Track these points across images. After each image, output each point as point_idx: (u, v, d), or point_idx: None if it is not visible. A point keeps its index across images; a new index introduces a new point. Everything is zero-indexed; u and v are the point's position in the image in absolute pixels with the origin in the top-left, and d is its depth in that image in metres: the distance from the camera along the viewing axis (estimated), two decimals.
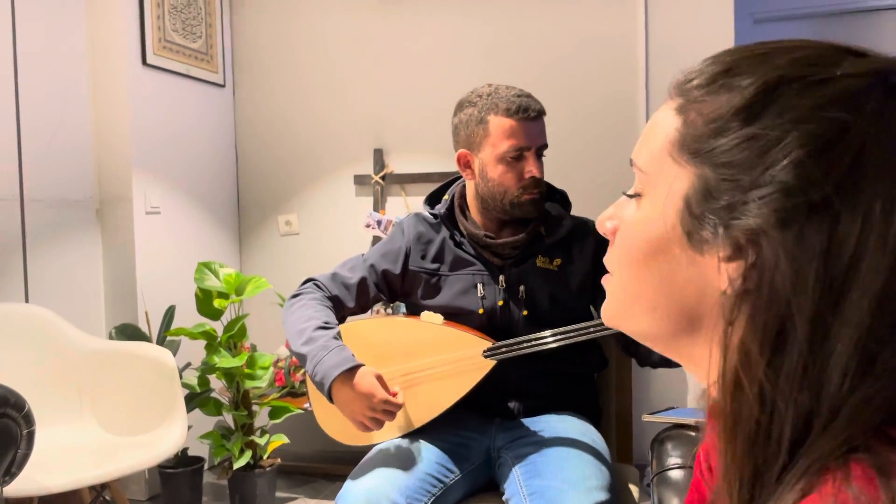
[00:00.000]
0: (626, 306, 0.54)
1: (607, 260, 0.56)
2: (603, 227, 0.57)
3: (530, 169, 1.50)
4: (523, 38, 2.86)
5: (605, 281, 0.57)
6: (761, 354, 0.43)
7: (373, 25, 3.03)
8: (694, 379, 0.55)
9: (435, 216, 1.63)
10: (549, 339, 1.43)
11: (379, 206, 3.01)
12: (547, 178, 1.58)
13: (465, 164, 1.56)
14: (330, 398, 1.41)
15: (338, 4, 3.06)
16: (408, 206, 2.98)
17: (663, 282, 0.50)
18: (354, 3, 3.04)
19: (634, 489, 1.56)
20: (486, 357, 1.47)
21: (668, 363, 1.42)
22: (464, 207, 1.62)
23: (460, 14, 2.92)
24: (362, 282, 1.60)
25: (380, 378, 1.38)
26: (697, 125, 0.48)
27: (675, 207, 0.48)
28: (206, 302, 2.47)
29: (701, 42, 2.66)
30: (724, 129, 0.46)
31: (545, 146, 1.54)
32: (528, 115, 1.49)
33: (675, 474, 1.32)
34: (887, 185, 0.41)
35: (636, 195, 0.53)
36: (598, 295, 1.58)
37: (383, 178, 3.00)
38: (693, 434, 1.40)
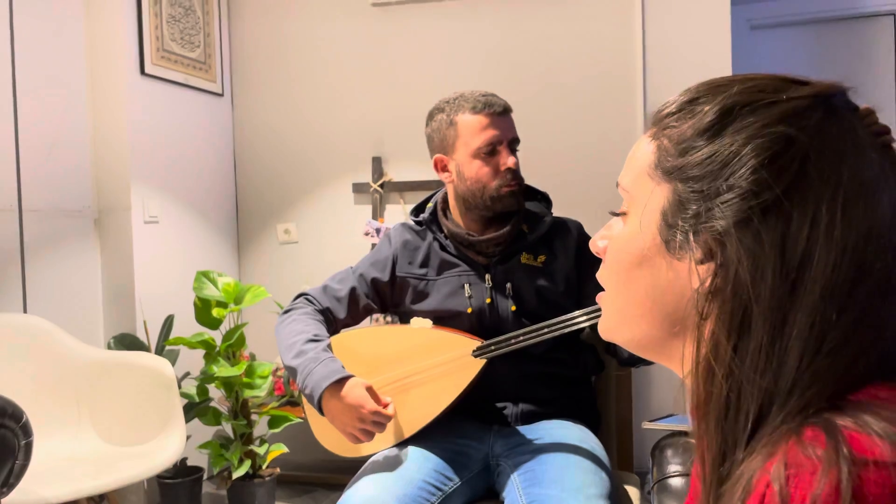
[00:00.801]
0: (618, 317, 0.60)
1: (600, 277, 0.63)
2: (596, 246, 0.64)
3: (505, 161, 1.53)
4: (521, 45, 2.87)
5: (600, 299, 0.63)
6: (728, 341, 0.49)
7: (370, 34, 3.03)
8: None
9: (420, 223, 1.65)
10: (536, 332, 1.43)
11: (378, 214, 3.02)
12: (542, 181, 1.60)
13: (441, 167, 1.60)
14: (320, 410, 1.41)
15: (336, 14, 3.07)
16: (406, 214, 2.98)
17: (649, 288, 0.57)
18: (352, 13, 3.04)
19: (635, 497, 1.55)
20: (475, 356, 1.47)
21: (640, 359, 1.44)
22: (446, 210, 1.64)
23: (457, 22, 2.93)
24: (352, 292, 1.62)
25: (370, 389, 1.38)
26: (668, 147, 0.55)
27: (654, 220, 0.56)
28: (204, 311, 2.47)
29: (698, 49, 2.67)
30: (691, 149, 0.54)
31: (517, 140, 1.58)
32: (495, 111, 1.53)
33: (676, 482, 1.31)
34: (830, 188, 0.48)
35: (622, 213, 0.60)
36: (584, 291, 1.59)
37: (382, 186, 3.01)
38: (693, 441, 1.40)
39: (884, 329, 0.48)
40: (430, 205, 1.67)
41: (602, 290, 0.63)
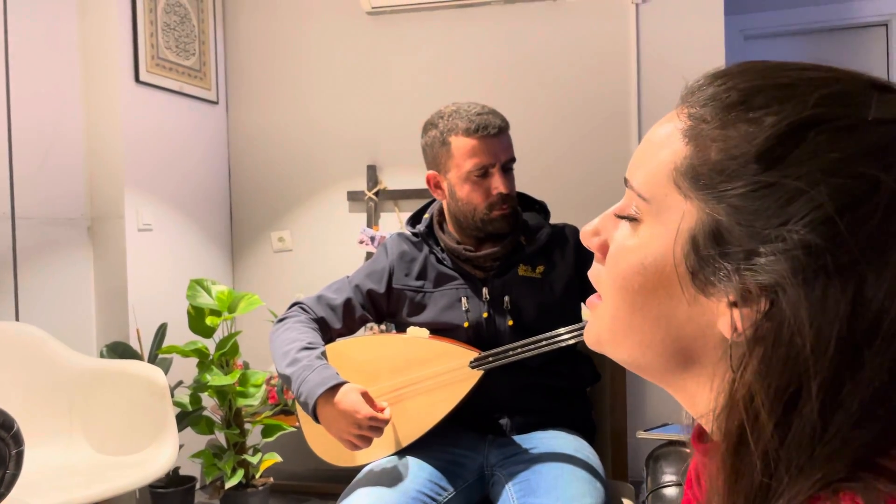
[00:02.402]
0: (616, 335, 0.52)
1: (594, 278, 0.54)
2: (588, 240, 0.54)
3: (496, 185, 1.50)
4: (516, 53, 2.88)
5: (592, 304, 0.55)
6: (770, 416, 0.41)
7: (365, 42, 3.04)
8: None
9: (416, 234, 1.64)
10: (534, 345, 1.43)
11: (372, 222, 3.01)
12: (537, 186, 1.59)
13: (434, 184, 1.59)
14: (315, 418, 1.40)
15: (331, 22, 3.07)
16: (401, 222, 2.98)
17: (660, 317, 0.48)
18: (347, 21, 3.05)
19: None
20: (472, 367, 1.47)
21: None
22: (442, 223, 1.63)
23: (452, 30, 2.94)
24: (348, 303, 1.61)
25: (365, 394, 1.37)
26: (710, 159, 0.44)
27: (680, 244, 0.46)
28: (198, 319, 2.46)
29: (692, 59, 2.68)
30: (742, 170, 0.42)
31: (512, 160, 1.55)
32: (489, 133, 1.49)
33: (671, 491, 1.31)
34: None
35: (632, 219, 0.50)
36: (587, 296, 1.58)
37: (377, 194, 3.01)
38: (688, 451, 1.40)
39: None
40: (427, 216, 1.66)
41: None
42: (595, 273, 0.54)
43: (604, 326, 0.53)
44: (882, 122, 0.41)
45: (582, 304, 1.61)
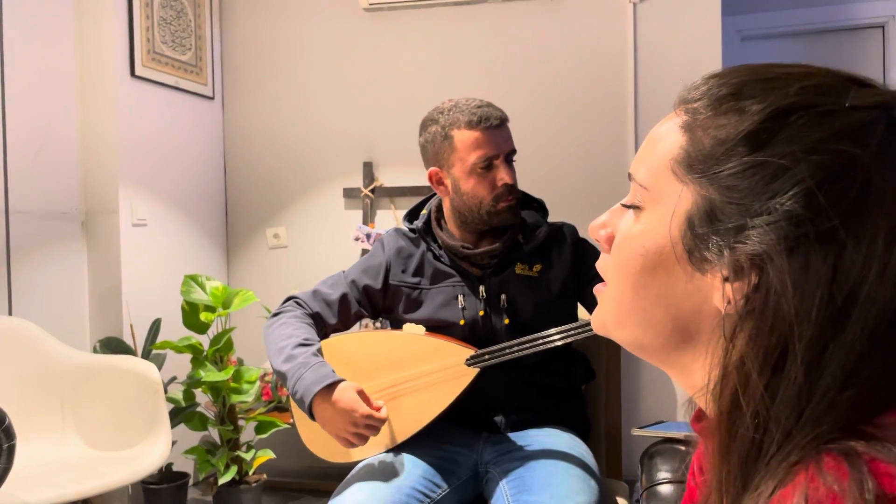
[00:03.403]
0: (619, 316, 0.55)
1: (601, 267, 0.57)
2: (596, 233, 0.58)
3: (502, 177, 1.51)
4: (513, 51, 2.87)
5: (599, 290, 0.58)
6: (760, 377, 0.44)
7: (363, 39, 3.03)
8: (683, 392, 0.57)
9: (414, 231, 1.63)
10: (530, 344, 1.42)
11: (368, 219, 3.01)
12: (536, 185, 1.59)
13: (437, 181, 1.58)
14: (311, 416, 1.40)
15: (328, 18, 3.07)
16: (397, 219, 2.97)
17: (661, 296, 0.52)
18: (344, 17, 3.04)
19: None
20: (468, 365, 1.46)
21: None
22: (440, 220, 1.63)
23: (449, 27, 2.94)
24: (343, 298, 1.60)
25: (361, 393, 1.37)
26: (703, 145, 0.49)
27: (677, 225, 0.50)
28: (192, 315, 2.45)
29: (689, 59, 2.68)
30: (731, 153, 0.47)
31: (514, 152, 1.55)
32: (491, 124, 1.50)
33: (665, 489, 1.31)
34: (889, 218, 0.43)
35: (635, 207, 0.54)
36: (583, 296, 1.59)
37: (373, 191, 3.00)
38: (682, 448, 1.40)
39: None
40: (424, 212, 1.65)
41: (600, 280, 0.59)
42: (602, 263, 0.58)
43: (609, 310, 0.56)
44: (858, 108, 0.45)
45: (578, 303, 1.61)
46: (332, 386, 1.37)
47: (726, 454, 0.46)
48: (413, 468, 1.45)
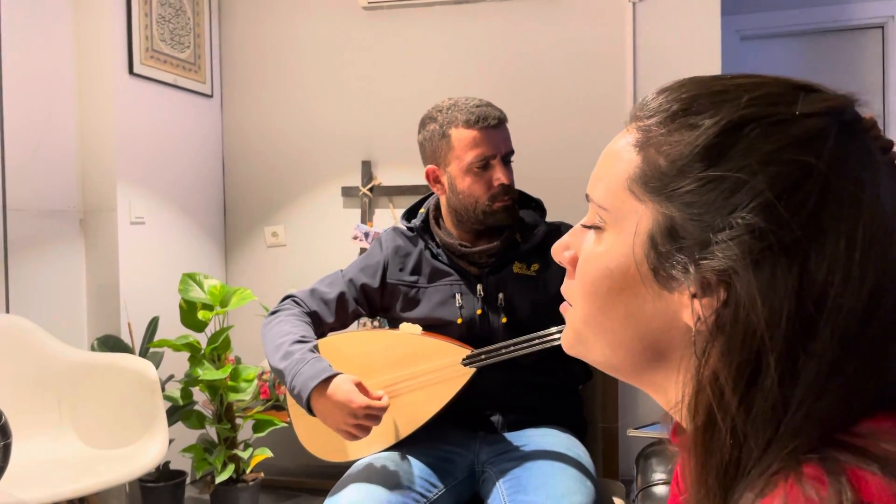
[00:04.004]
0: (588, 338, 0.55)
1: (566, 291, 0.57)
2: (560, 255, 0.57)
3: (498, 177, 1.50)
4: (513, 50, 2.87)
5: (564, 310, 0.58)
6: (734, 392, 0.44)
7: (362, 37, 3.03)
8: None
9: (412, 229, 1.63)
10: (526, 343, 1.42)
11: (367, 218, 3.01)
12: (534, 185, 1.58)
13: (434, 179, 1.58)
14: (310, 411, 1.40)
15: (327, 16, 3.06)
16: (395, 218, 2.97)
17: (629, 316, 0.51)
18: (343, 15, 3.04)
19: None
20: (465, 365, 1.46)
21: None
22: (438, 219, 1.62)
23: (449, 26, 2.93)
24: (341, 297, 1.60)
25: (359, 384, 1.36)
26: (659, 164, 0.48)
27: (640, 244, 0.49)
28: (190, 313, 2.45)
29: (688, 59, 2.68)
30: (688, 169, 0.47)
31: (511, 152, 1.55)
32: (489, 124, 1.50)
33: (661, 490, 1.31)
34: (847, 224, 0.43)
35: (596, 227, 0.53)
36: None
37: (371, 190, 3.00)
38: (678, 449, 1.40)
39: (885, 361, 0.45)
40: (422, 211, 1.65)
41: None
42: (566, 286, 0.57)
43: (577, 331, 0.56)
44: (808, 115, 0.45)
45: None
46: (328, 380, 1.37)
47: (703, 470, 0.46)
48: (410, 468, 1.45)
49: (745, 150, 0.45)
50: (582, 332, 0.55)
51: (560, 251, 0.57)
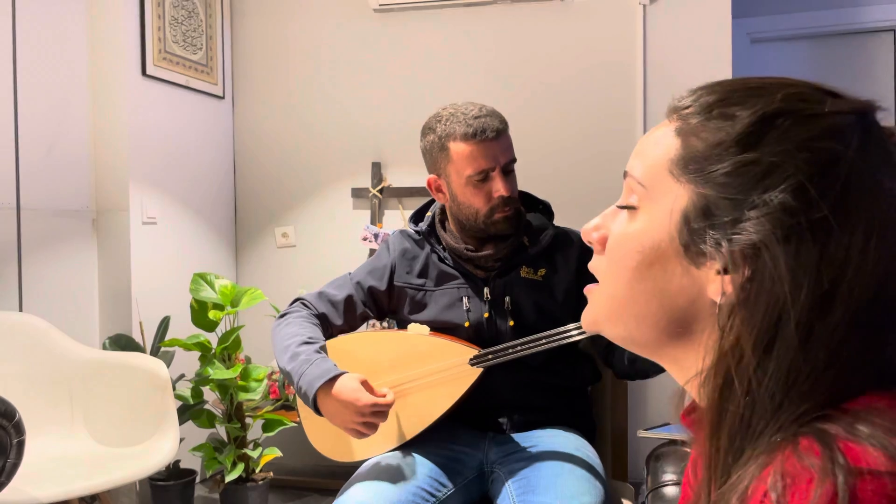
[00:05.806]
0: (613, 312, 0.58)
1: (594, 267, 0.61)
2: (589, 235, 0.61)
3: (498, 189, 1.49)
4: (522, 53, 2.88)
5: (590, 290, 0.61)
6: (754, 355, 0.48)
7: (372, 39, 3.04)
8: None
9: (419, 233, 1.63)
10: (534, 343, 1.42)
11: (376, 219, 3.02)
12: (542, 187, 1.58)
13: (435, 188, 1.58)
14: (317, 410, 1.40)
15: (338, 18, 3.08)
16: (405, 219, 2.98)
17: (656, 291, 0.55)
18: (354, 17, 3.05)
19: None
20: (472, 365, 1.47)
21: (636, 374, 1.43)
22: (444, 222, 1.63)
23: (458, 28, 2.94)
24: (349, 299, 1.60)
25: (365, 383, 1.37)
26: (698, 148, 0.52)
27: (674, 222, 0.53)
28: (200, 313, 2.47)
29: (699, 62, 2.68)
30: (724, 153, 0.51)
31: (513, 161, 1.53)
32: (487, 136, 1.48)
33: (671, 491, 1.31)
34: (868, 212, 0.48)
35: (630, 207, 0.57)
36: (582, 304, 1.58)
37: (381, 191, 3.01)
38: (688, 450, 1.40)
39: (886, 342, 0.49)
40: (429, 214, 1.65)
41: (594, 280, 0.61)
42: (595, 263, 0.61)
43: (602, 306, 0.60)
44: (836, 112, 0.50)
45: (576, 313, 1.60)
46: (334, 379, 1.38)
47: (717, 431, 0.50)
48: (418, 467, 1.45)
49: (779, 138, 0.49)
50: (607, 307, 0.59)
51: (590, 231, 0.61)
